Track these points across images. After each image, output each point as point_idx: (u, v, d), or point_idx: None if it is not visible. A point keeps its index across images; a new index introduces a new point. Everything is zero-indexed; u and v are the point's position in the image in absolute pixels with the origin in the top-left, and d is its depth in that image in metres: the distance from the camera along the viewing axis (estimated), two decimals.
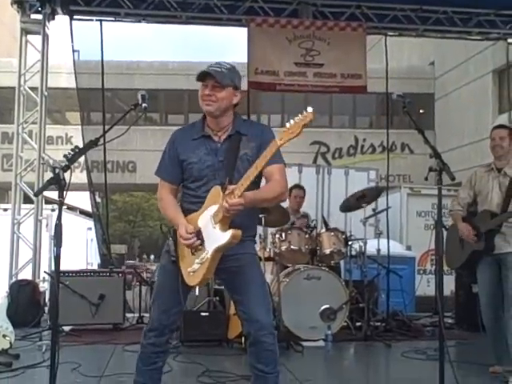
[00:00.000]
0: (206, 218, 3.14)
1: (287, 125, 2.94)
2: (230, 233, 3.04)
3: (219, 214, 3.05)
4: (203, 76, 3.22)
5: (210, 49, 55.83)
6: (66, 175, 3.02)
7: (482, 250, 4.88)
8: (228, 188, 3.01)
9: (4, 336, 5.31)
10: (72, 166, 3.06)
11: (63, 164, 2.98)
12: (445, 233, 4.90)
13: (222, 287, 6.23)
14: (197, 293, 3.16)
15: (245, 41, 9.17)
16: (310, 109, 2.90)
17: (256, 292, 3.24)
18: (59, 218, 2.96)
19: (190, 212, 3.24)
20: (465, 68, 20.81)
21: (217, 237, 3.06)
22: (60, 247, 2.91)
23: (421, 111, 22.14)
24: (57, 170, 2.93)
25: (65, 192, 3.01)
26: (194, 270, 3.15)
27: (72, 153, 3.03)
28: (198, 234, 3.14)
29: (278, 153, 3.10)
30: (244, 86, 3.57)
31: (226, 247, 3.07)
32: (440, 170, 3.32)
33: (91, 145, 3.14)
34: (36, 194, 7.70)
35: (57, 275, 2.99)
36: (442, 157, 3.44)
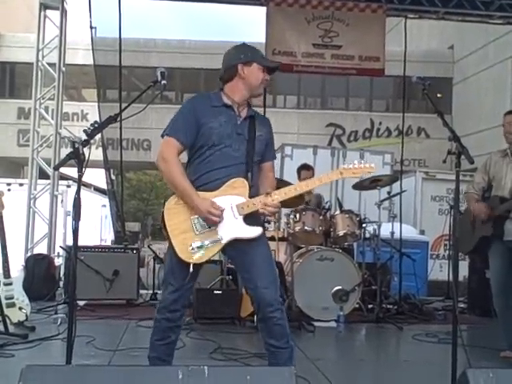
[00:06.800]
0: (223, 204, 3.23)
1: (356, 163, 3.30)
2: (259, 230, 3.29)
3: (246, 208, 3.23)
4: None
5: (228, 28, 55.56)
6: (85, 150, 3.04)
7: (490, 235, 4.86)
8: (268, 191, 3.27)
9: (20, 308, 5.39)
10: None
11: (83, 139, 2.99)
12: None
13: (233, 265, 6.28)
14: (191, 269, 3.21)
15: (263, 21, 9.11)
16: (373, 165, 3.32)
17: (263, 269, 3.29)
18: (78, 192, 2.97)
19: (194, 184, 3.26)
20: (484, 53, 20.57)
21: (238, 228, 3.24)
22: (79, 221, 2.93)
23: (438, 95, 21.93)
24: (76, 145, 2.95)
25: (84, 167, 3.02)
26: (198, 248, 3.20)
27: (91, 128, 3.04)
28: None
29: (273, 146, 3.55)
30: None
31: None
32: (459, 153, 3.29)
33: (111, 120, 3.15)
34: (56, 168, 7.74)
35: (75, 248, 3.02)
36: None
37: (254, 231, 3.27)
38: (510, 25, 10.80)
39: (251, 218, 3.28)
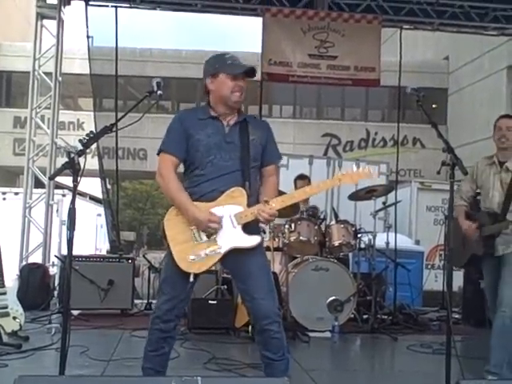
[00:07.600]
0: (222, 214, 3.25)
1: (354, 168, 3.33)
2: (258, 239, 3.30)
3: (244, 217, 3.24)
4: (247, 71, 3.35)
5: (224, 38, 55.82)
6: (81, 160, 3.04)
7: (481, 254, 4.72)
8: (265, 199, 3.25)
9: (14, 318, 5.36)
10: None
11: (78, 149, 3.00)
12: None
13: (230, 276, 6.27)
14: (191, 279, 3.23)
15: (258, 31, 9.15)
16: (374, 171, 3.26)
17: (260, 281, 3.29)
18: (73, 201, 2.98)
19: (192, 196, 3.29)
20: (479, 63, 20.67)
21: (237, 237, 3.25)
22: (73, 230, 2.93)
23: (433, 106, 22.02)
24: (72, 155, 2.96)
25: (79, 177, 3.03)
26: (197, 257, 3.22)
27: (87, 138, 3.05)
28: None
29: (277, 148, 3.50)
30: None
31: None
32: (453, 165, 3.30)
33: (106, 130, 3.17)
34: (51, 178, 7.75)
35: (69, 258, 3.02)
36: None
37: (253, 240, 3.28)
38: (505, 36, 10.92)
39: (250, 227, 3.28)
